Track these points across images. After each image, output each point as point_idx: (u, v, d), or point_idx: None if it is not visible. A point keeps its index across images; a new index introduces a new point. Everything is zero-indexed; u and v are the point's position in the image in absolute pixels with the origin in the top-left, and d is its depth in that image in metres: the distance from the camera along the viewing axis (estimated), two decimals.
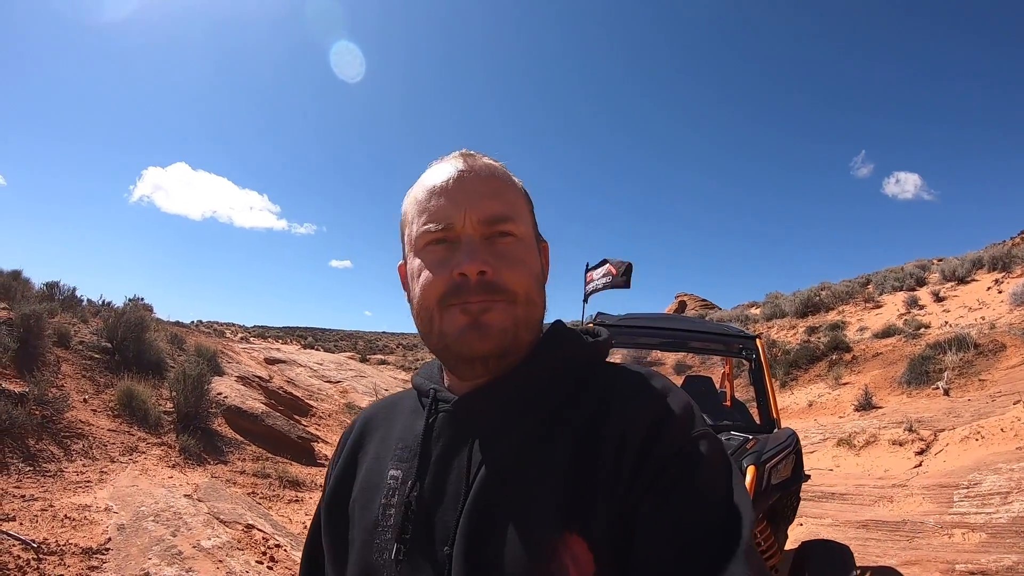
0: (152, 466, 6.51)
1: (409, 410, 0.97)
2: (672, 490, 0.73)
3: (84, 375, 8.12)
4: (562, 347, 0.89)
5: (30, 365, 7.39)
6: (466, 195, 0.85)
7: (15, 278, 11.14)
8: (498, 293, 0.82)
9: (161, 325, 13.18)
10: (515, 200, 0.89)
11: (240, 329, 57.63)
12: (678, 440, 0.76)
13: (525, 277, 0.85)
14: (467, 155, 0.90)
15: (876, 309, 21.31)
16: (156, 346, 10.19)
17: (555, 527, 0.73)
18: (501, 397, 0.85)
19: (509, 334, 0.83)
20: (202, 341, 13.35)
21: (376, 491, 0.89)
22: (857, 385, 13.42)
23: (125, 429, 7.18)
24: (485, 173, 0.88)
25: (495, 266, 0.82)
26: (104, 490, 5.50)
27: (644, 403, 0.79)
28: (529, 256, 0.88)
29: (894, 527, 6.41)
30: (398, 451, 0.91)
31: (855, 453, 9.49)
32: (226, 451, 8.01)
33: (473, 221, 0.84)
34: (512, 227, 0.86)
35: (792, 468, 4.01)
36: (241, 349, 20.03)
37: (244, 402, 9.67)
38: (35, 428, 6.10)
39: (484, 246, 0.83)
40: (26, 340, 7.79)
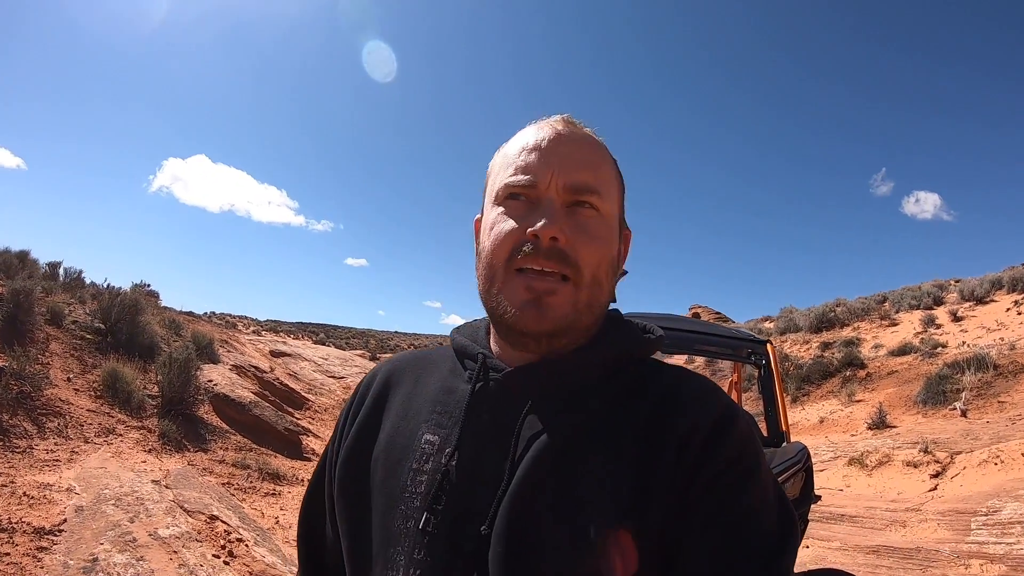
0: (127, 449, 6.26)
1: (447, 370, 0.92)
2: (732, 492, 0.73)
3: (72, 354, 7.91)
4: (623, 338, 0.87)
5: (17, 340, 7.18)
6: (559, 157, 0.82)
7: (22, 258, 11.09)
8: (567, 265, 0.79)
9: (160, 310, 13.00)
10: (607, 176, 0.85)
11: (253, 322, 57.89)
12: (739, 447, 0.76)
13: (597, 255, 0.81)
14: (569, 121, 0.86)
15: (892, 327, 20.87)
16: (150, 330, 9.98)
17: (607, 520, 0.71)
18: (558, 378, 0.82)
19: (569, 318, 0.80)
20: (200, 328, 13.14)
21: (405, 453, 0.84)
22: (871, 403, 13.02)
23: (105, 410, 6.94)
24: (583, 142, 0.84)
25: (570, 236, 0.79)
26: (71, 470, 5.25)
27: (710, 406, 0.78)
28: (608, 235, 0.84)
29: (907, 554, 6.03)
30: (435, 415, 0.86)
31: (867, 473, 9.10)
32: (208, 439, 7.75)
33: (559, 185, 0.80)
34: (597, 200, 0.82)
35: (802, 487, 3.66)
36: (247, 340, 19.93)
37: (233, 390, 9.43)
38: (10, 403, 5.88)
39: (564, 212, 0.80)
40: (15, 316, 7.61)
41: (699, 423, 0.76)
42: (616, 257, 0.87)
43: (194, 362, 8.70)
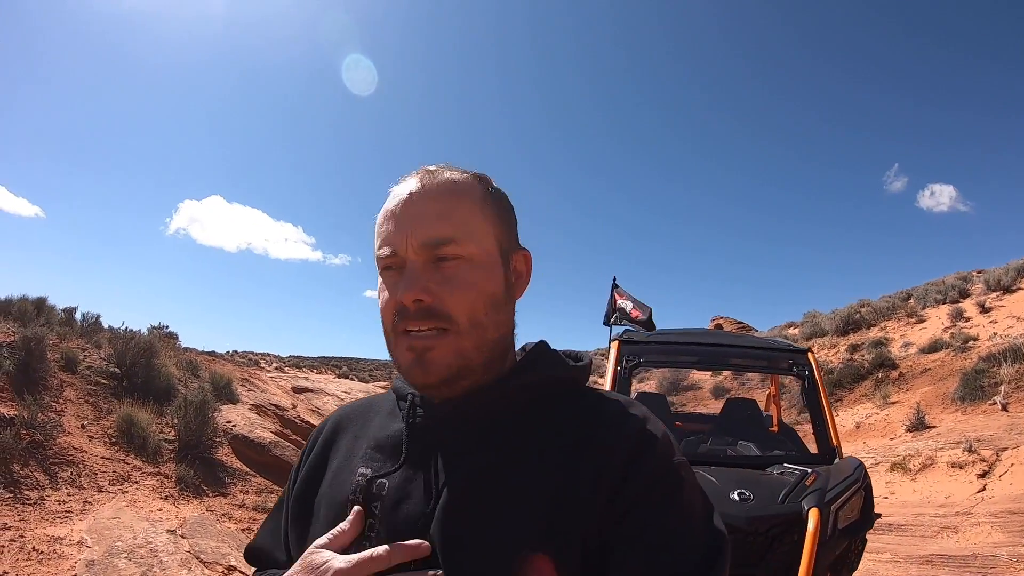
0: (142, 497, 6.09)
1: (386, 412, 0.97)
2: (651, 517, 0.74)
3: (87, 400, 7.79)
4: (541, 368, 0.90)
5: (30, 388, 7.08)
6: (410, 219, 0.84)
7: (39, 305, 11.02)
8: (439, 319, 0.82)
9: (178, 352, 12.91)
10: (467, 218, 0.86)
11: (275, 359, 57.98)
12: (658, 467, 0.78)
13: (470, 301, 0.83)
14: (425, 173, 0.88)
15: (919, 324, 20.40)
16: (166, 372, 9.87)
17: (528, 545, 0.73)
18: (478, 411, 0.85)
19: (454, 367, 0.82)
20: (219, 368, 13.02)
21: (343, 487, 0.88)
22: (907, 404, 12.64)
23: (120, 457, 6.79)
24: (435, 193, 0.86)
25: (436, 292, 0.82)
26: (83, 522, 5.08)
27: (625, 430, 0.80)
28: (480, 276, 0.85)
29: (963, 562, 5.70)
30: (369, 451, 0.91)
31: (911, 478, 8.75)
32: (228, 482, 7.55)
33: (414, 246, 0.83)
34: (456, 249, 0.84)
35: (861, 508, 3.41)
36: (269, 378, 19.84)
37: (252, 431, 9.25)
38: (21, 452, 5.75)
39: (427, 271, 0.83)
40: (27, 363, 7.51)
41: (616, 448, 0.78)
42: (498, 291, 0.88)
43: (211, 404, 8.53)
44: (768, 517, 3.15)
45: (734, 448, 4.45)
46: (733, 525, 3.08)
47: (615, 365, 4.41)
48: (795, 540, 3.11)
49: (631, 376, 4.47)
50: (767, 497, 3.26)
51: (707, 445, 4.51)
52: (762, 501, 3.23)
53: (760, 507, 3.19)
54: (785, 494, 3.26)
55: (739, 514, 3.12)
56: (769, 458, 3.99)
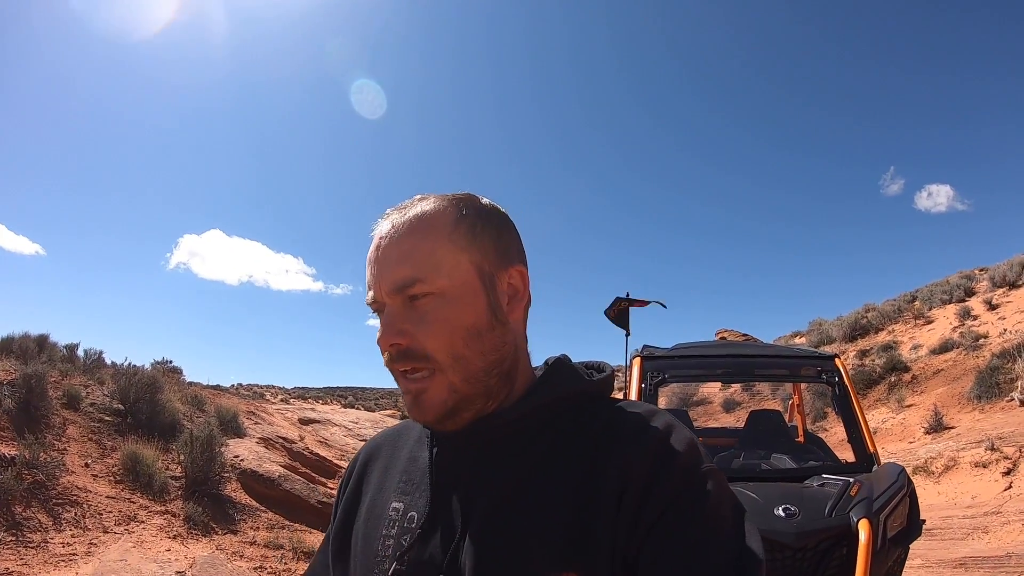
0: (150, 537, 5.93)
1: (414, 440, 0.97)
2: (677, 532, 0.72)
3: (91, 438, 7.64)
4: (557, 384, 0.88)
5: (31, 427, 6.94)
6: (380, 263, 0.84)
7: (41, 342, 10.86)
8: (418, 360, 0.82)
9: (182, 386, 12.75)
10: (431, 252, 0.83)
11: (280, 391, 57.75)
12: (682, 479, 0.75)
13: (446, 337, 0.82)
14: (396, 211, 0.87)
15: (927, 325, 20.27)
16: (171, 407, 9.70)
17: (552, 565, 0.73)
18: (496, 433, 0.85)
19: (448, 404, 0.82)
20: (224, 402, 12.85)
21: (379, 521, 0.90)
22: (923, 406, 12.49)
23: (126, 496, 6.63)
24: (401, 233, 0.84)
25: (412, 332, 0.82)
26: (89, 565, 4.93)
27: (646, 442, 0.78)
28: (453, 310, 0.83)
29: (998, 562, 5.53)
30: (401, 483, 0.91)
31: (934, 481, 8.59)
32: (237, 519, 7.36)
33: (385, 291, 0.83)
34: (424, 287, 0.82)
35: (908, 515, 3.31)
36: (275, 410, 19.67)
37: (261, 465, 9.07)
38: (23, 494, 5.61)
39: (403, 312, 0.83)
40: (28, 401, 7.37)
41: (638, 460, 0.76)
42: (479, 319, 0.85)
43: (218, 438, 8.36)
44: (817, 531, 3.05)
45: (768, 461, 4.32)
46: (781, 542, 3.00)
47: (639, 382, 4.29)
48: (845, 554, 3.01)
49: (657, 392, 4.35)
50: (813, 511, 3.15)
51: (740, 460, 4.37)
52: (809, 515, 3.11)
53: (808, 522, 3.07)
54: (831, 506, 3.16)
55: (787, 530, 3.02)
56: (806, 470, 3.86)
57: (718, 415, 19.62)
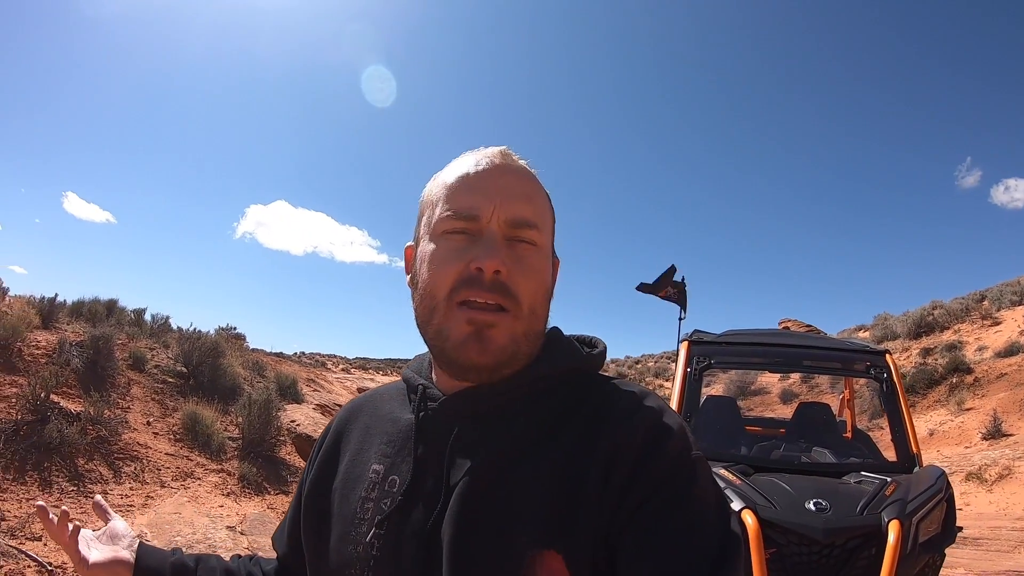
0: (204, 493, 6.02)
1: (397, 403, 0.95)
2: (662, 516, 0.71)
3: (153, 398, 7.85)
4: (558, 358, 0.86)
5: (97, 385, 7.17)
6: (499, 190, 0.82)
7: (110, 307, 11.29)
8: (506, 297, 0.79)
9: (245, 352, 13.04)
10: (543, 209, 0.87)
11: (342, 360, 59.07)
12: (671, 463, 0.74)
13: (536, 287, 0.83)
14: (507, 153, 0.87)
15: (995, 326, 19.05)
16: (232, 372, 9.94)
17: (534, 540, 0.71)
18: (490, 402, 0.83)
19: (509, 351, 0.80)
20: (284, 369, 13.12)
21: (357, 483, 0.87)
22: (983, 410, 11.83)
23: (184, 454, 6.76)
24: (520, 174, 0.86)
25: (511, 269, 0.80)
26: (144, 516, 5.01)
27: (638, 421, 0.77)
28: (544, 267, 0.85)
29: None
30: (382, 445, 0.89)
31: (987, 489, 8.13)
32: (290, 480, 7.45)
33: (500, 219, 0.81)
34: (535, 235, 0.83)
35: (943, 520, 3.20)
36: (335, 379, 20.16)
37: (316, 430, 9.18)
38: (87, 448, 5.76)
39: (506, 247, 0.81)
40: (95, 362, 7.61)
41: (628, 441, 0.74)
42: (550, 284, 0.87)
43: (275, 403, 8.52)
44: (846, 529, 3.02)
45: (808, 454, 4.29)
46: (809, 536, 2.98)
47: (685, 366, 4.32)
48: (873, 554, 2.95)
49: (702, 377, 4.36)
50: (845, 507, 3.14)
51: (780, 451, 4.31)
52: (840, 511, 3.11)
53: (838, 518, 3.06)
54: (864, 504, 3.12)
55: (816, 525, 3.03)
56: (846, 466, 3.83)
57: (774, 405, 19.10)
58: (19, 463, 5.10)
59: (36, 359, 6.98)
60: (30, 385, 6.02)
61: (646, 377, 30.85)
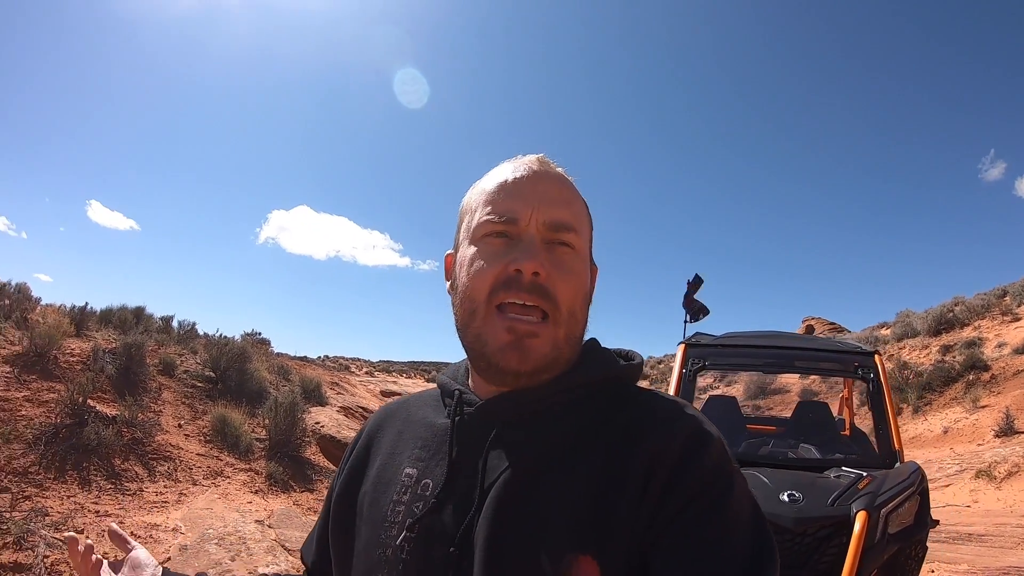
0: (234, 491, 6.29)
1: (431, 408, 0.95)
2: (698, 527, 0.70)
3: (183, 402, 8.15)
4: (595, 366, 0.86)
5: (131, 390, 7.46)
6: (537, 195, 0.84)
7: (138, 314, 11.63)
8: (547, 300, 0.80)
9: (270, 357, 13.38)
10: (580, 214, 0.87)
11: (366, 364, 59.41)
12: (709, 474, 0.74)
13: (573, 290, 0.83)
14: (544, 160, 0.88)
15: (1015, 323, 18.64)
16: (258, 376, 10.24)
17: (569, 545, 0.71)
18: (527, 408, 0.82)
19: (550, 357, 0.80)
20: (308, 372, 13.44)
21: (388, 487, 0.87)
22: (997, 408, 11.75)
23: (214, 454, 7.05)
24: (559, 180, 0.87)
25: (550, 271, 0.80)
26: (178, 511, 5.28)
27: (678, 431, 0.76)
28: (582, 270, 0.86)
29: None
30: (416, 449, 0.89)
31: (996, 486, 8.15)
32: (314, 479, 7.71)
33: (539, 222, 0.82)
34: (573, 238, 0.84)
35: (916, 513, 3.35)
36: (358, 382, 20.45)
37: (339, 431, 9.45)
38: (122, 449, 6.05)
39: (545, 250, 0.81)
40: (128, 368, 7.93)
41: (666, 449, 0.74)
42: (589, 289, 0.88)
43: (300, 405, 8.79)
44: (815, 519, 3.19)
45: (795, 451, 4.47)
46: (780, 525, 3.15)
47: (680, 367, 4.55)
48: (843, 543, 3.10)
49: (696, 378, 4.60)
50: (817, 499, 3.30)
51: (768, 448, 4.51)
52: (812, 503, 3.25)
53: (809, 509, 3.24)
54: (835, 497, 3.28)
55: (787, 515, 3.18)
56: (828, 461, 3.99)
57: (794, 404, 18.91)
58: (59, 463, 5.38)
59: (71, 366, 7.30)
60: (68, 391, 6.34)
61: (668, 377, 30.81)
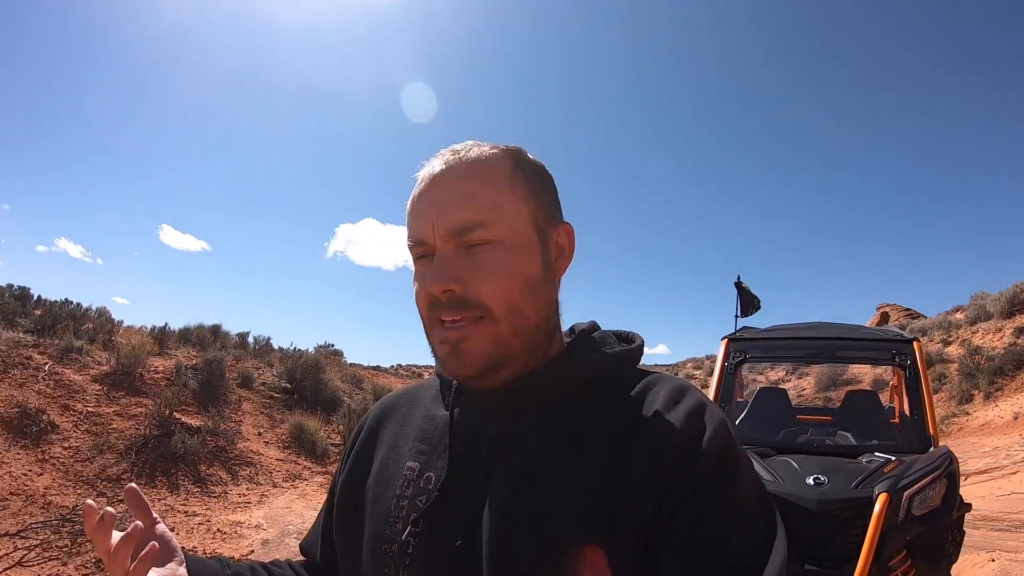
0: (311, 491, 6.57)
1: (431, 400, 0.94)
2: (705, 511, 0.69)
3: (262, 412, 8.54)
4: (588, 351, 0.85)
5: (213, 402, 7.88)
6: (436, 204, 0.79)
7: (215, 331, 12.27)
8: (472, 309, 0.77)
9: (343, 367, 13.81)
10: (495, 199, 0.79)
11: None
12: (714, 459, 0.72)
13: (502, 286, 0.77)
14: (451, 153, 0.82)
15: None
16: (332, 385, 10.61)
17: (576, 535, 0.70)
18: (523, 399, 0.81)
19: (492, 356, 0.78)
20: (381, 381, 13.82)
21: (392, 480, 0.86)
22: None
23: (292, 459, 7.36)
24: (460, 174, 0.80)
25: (467, 279, 0.77)
26: (260, 510, 5.56)
27: (682, 417, 0.74)
28: (514, 259, 0.79)
29: None
30: (417, 443, 0.88)
31: None
32: None
33: (441, 235, 0.78)
34: (486, 233, 0.78)
35: (943, 496, 3.38)
36: None
37: None
38: (207, 456, 6.41)
39: (457, 259, 0.78)
40: (209, 382, 8.38)
41: (670, 437, 0.73)
42: (535, 272, 0.81)
43: None
44: (838, 501, 3.27)
45: (833, 438, 4.54)
46: (804, 507, 3.26)
47: (723, 361, 4.68)
48: (866, 524, 3.16)
49: (737, 371, 4.77)
50: (842, 482, 3.38)
51: (806, 436, 4.58)
52: (836, 486, 3.35)
53: (832, 491, 3.31)
54: (860, 480, 3.36)
55: (811, 497, 3.28)
56: (862, 447, 4.04)
57: None
58: (150, 470, 5.76)
59: (156, 382, 7.77)
60: (155, 405, 6.78)
61: None
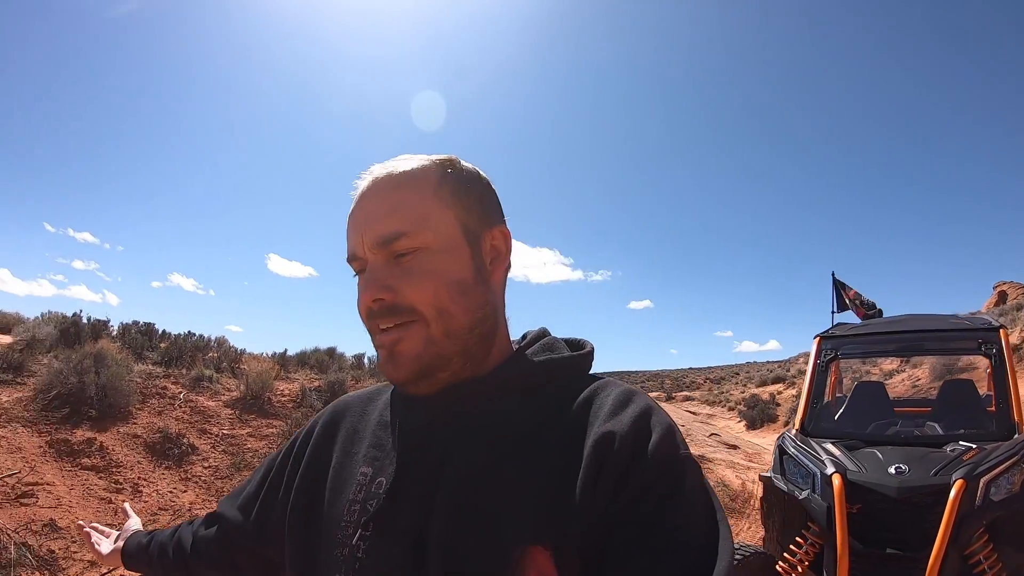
0: None
1: (384, 404, 0.96)
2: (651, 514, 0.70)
3: None
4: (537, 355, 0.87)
5: None
6: (362, 220, 0.83)
7: (331, 354, 13.20)
8: (402, 314, 0.80)
9: None
10: (418, 207, 0.82)
11: None
12: (660, 463, 0.72)
13: (430, 291, 0.80)
14: (380, 167, 0.86)
15: None
16: None
17: (524, 537, 0.71)
18: (468, 405, 0.83)
19: (423, 358, 0.80)
20: None
21: (345, 485, 0.89)
22: None
23: None
24: (384, 188, 0.83)
25: (396, 287, 0.80)
26: None
27: (628, 422, 0.75)
28: (441, 263, 0.82)
29: None
30: (371, 448, 0.90)
31: None
32: None
33: (369, 247, 0.82)
34: (411, 242, 0.81)
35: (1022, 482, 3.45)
36: None
37: None
38: None
39: (387, 269, 0.81)
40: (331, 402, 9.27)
41: (616, 441, 0.73)
42: (464, 275, 0.84)
43: None
44: (916, 488, 3.40)
45: (920, 428, 4.57)
46: (886, 495, 3.43)
47: (815, 359, 4.83)
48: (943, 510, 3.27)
49: (828, 369, 4.87)
50: (922, 471, 3.50)
51: (896, 427, 4.63)
52: (916, 474, 3.48)
53: (912, 479, 3.45)
54: (939, 468, 3.47)
55: (892, 485, 3.44)
56: (947, 437, 4.09)
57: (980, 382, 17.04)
58: None
59: (283, 405, 8.77)
60: (286, 425, 7.72)
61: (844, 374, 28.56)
